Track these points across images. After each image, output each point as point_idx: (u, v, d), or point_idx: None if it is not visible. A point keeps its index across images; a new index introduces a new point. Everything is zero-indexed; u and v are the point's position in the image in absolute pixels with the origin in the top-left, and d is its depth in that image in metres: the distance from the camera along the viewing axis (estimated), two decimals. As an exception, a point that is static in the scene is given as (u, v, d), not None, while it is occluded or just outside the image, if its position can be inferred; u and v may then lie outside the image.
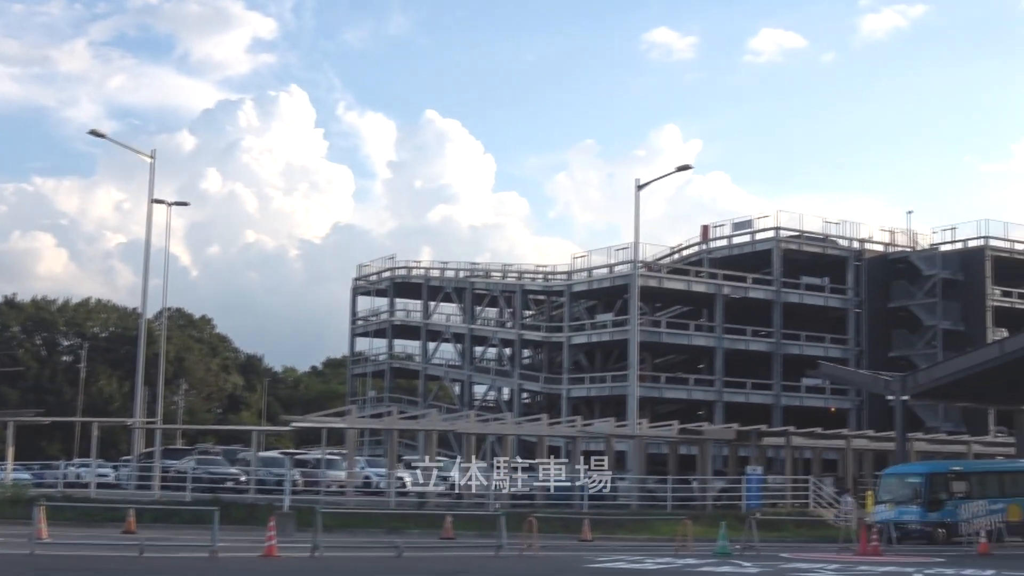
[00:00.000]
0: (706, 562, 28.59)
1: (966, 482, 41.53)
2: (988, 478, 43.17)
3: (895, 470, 44.21)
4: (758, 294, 71.80)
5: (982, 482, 42.34)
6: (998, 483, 42.80)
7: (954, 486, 41.01)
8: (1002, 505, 41.21)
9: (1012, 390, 48.58)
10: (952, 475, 41.77)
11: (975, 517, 40.00)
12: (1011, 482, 43.18)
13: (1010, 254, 74.06)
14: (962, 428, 66.72)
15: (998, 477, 43.59)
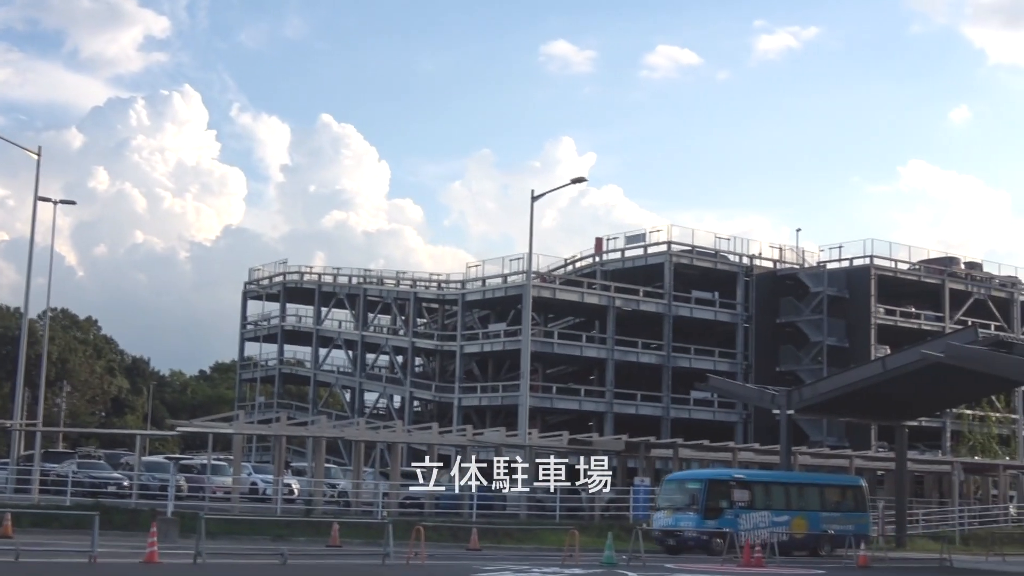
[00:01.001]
0: (592, 572, 28.70)
1: (749, 491, 40.36)
2: (774, 489, 42.42)
3: (676, 476, 43.60)
4: (649, 307, 72.49)
5: (767, 492, 41.58)
6: (784, 494, 42.02)
7: (736, 495, 39.76)
8: (787, 517, 40.68)
9: (893, 406, 49.65)
10: (734, 483, 40.47)
11: (757, 528, 38.91)
12: (798, 494, 42.62)
13: (894, 273, 75.83)
14: (845, 443, 68.06)
15: (784, 488, 42.75)
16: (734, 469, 47.57)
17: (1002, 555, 44.41)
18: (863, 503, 44.33)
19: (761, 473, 47.74)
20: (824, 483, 45.85)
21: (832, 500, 43.61)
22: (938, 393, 50.14)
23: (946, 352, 40.95)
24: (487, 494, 46.72)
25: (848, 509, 43.36)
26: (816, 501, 42.81)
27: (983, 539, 50.60)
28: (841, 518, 42.24)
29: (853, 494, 44.40)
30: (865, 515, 44.14)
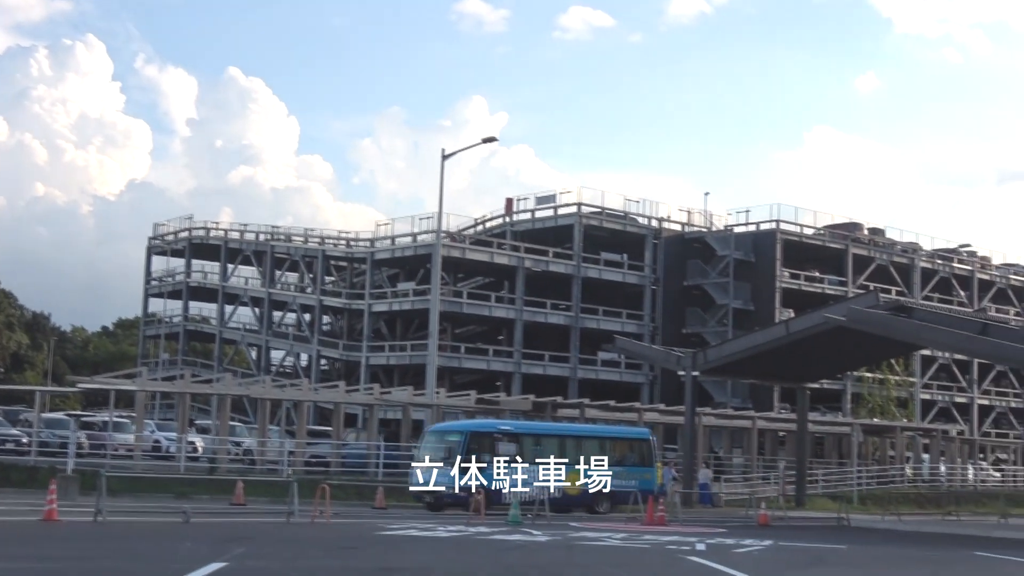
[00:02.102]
0: (497, 530, 28.79)
1: (517, 444, 38.57)
2: (546, 441, 40.50)
3: (437, 427, 41.35)
4: (559, 268, 72.71)
5: (538, 445, 39.59)
6: (559, 447, 39.91)
7: (501, 448, 37.92)
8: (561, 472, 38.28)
9: (796, 369, 50.48)
10: (499, 435, 38.52)
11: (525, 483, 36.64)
12: (575, 447, 40.59)
13: (799, 238, 76.87)
14: (748, 404, 69.12)
15: (559, 441, 40.91)
16: (501, 420, 43.70)
17: (898, 515, 45.49)
18: (650, 458, 42.22)
19: (532, 424, 44.66)
20: (605, 436, 43.68)
21: (614, 454, 41.20)
22: (839, 356, 51.09)
23: (848, 316, 41.65)
24: (393, 453, 46.74)
25: (633, 464, 41.33)
26: (596, 455, 40.12)
27: (880, 499, 51.85)
28: (624, 473, 39.97)
29: (639, 448, 42.42)
30: (651, 470, 41.78)
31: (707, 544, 26.06)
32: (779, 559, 23.53)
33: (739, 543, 26.70)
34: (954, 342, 41.44)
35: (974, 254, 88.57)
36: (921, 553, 27.52)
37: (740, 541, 27.30)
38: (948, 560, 25.71)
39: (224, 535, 24.20)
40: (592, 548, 24.60)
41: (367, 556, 21.47)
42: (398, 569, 19.06)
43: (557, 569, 20.20)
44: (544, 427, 44.32)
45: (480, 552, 22.97)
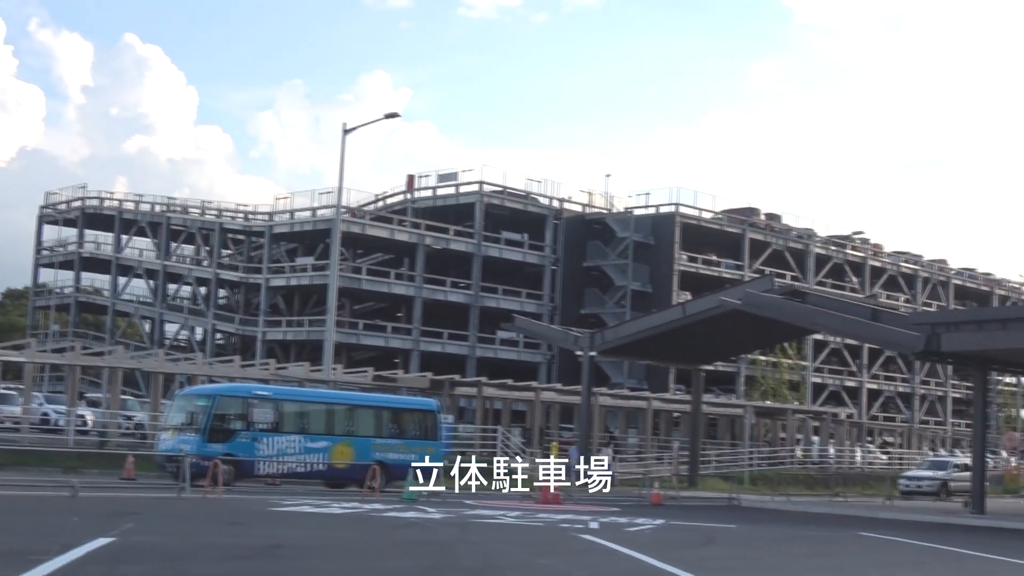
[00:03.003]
0: (392, 507, 28.70)
1: (275, 411, 35.71)
2: (311, 409, 37.37)
3: (186, 391, 38.39)
4: (459, 246, 72.61)
5: (301, 413, 36.73)
6: (325, 417, 37.25)
7: (256, 414, 35.07)
8: (326, 444, 36.16)
9: (691, 350, 51.05)
10: (255, 400, 35.42)
11: (283, 455, 34.59)
12: (346, 417, 37.85)
13: (698, 221, 77.70)
14: (644, 385, 69.79)
15: (326, 409, 37.77)
16: (259, 385, 39.78)
17: (787, 495, 46.30)
18: (435, 431, 39.33)
19: (296, 391, 41.19)
20: (383, 405, 40.03)
21: (392, 426, 38.54)
22: (734, 339, 51.77)
23: (743, 299, 42.18)
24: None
25: (414, 436, 38.54)
26: (369, 426, 37.81)
27: (771, 479, 52.70)
28: (402, 446, 37.54)
29: (422, 420, 39.44)
30: (436, 444, 38.79)
31: (600, 523, 26.25)
32: (670, 538, 23.78)
33: (632, 522, 26.94)
34: (845, 327, 42.20)
35: (867, 241, 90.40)
36: (808, 532, 28.02)
37: (633, 520, 27.55)
38: (834, 539, 26.20)
39: (113, 510, 23.77)
40: (486, 526, 24.62)
41: (258, 532, 21.23)
42: (289, 546, 18.87)
43: (450, 546, 20.17)
44: (310, 394, 40.93)
45: (373, 529, 22.88)
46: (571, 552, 20.15)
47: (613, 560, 19.00)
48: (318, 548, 18.91)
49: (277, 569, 16.16)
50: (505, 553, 19.68)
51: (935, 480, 48.53)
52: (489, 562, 18.02)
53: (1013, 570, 20.70)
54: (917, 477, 49.25)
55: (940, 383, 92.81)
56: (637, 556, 19.18)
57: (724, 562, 19.82)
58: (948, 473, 49.86)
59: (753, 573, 18.38)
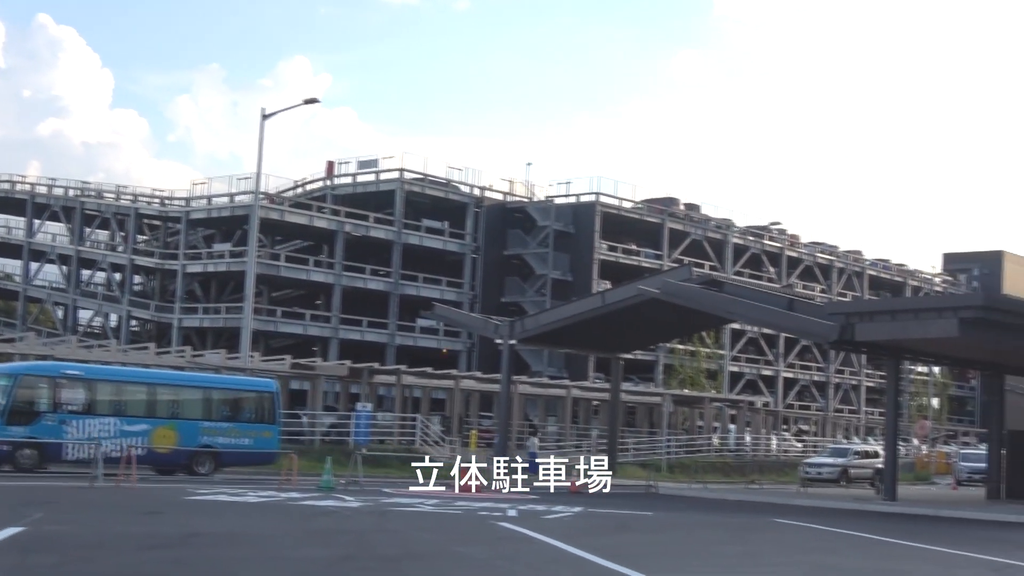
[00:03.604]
0: (309, 496, 28.52)
1: (88, 391, 33.75)
2: (129, 389, 35.18)
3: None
4: (379, 234, 72.23)
5: (119, 394, 34.73)
6: (146, 398, 35.11)
7: (65, 395, 33.18)
8: (146, 427, 34.12)
9: (611, 339, 51.28)
10: (64, 380, 33.39)
11: (98, 438, 31.92)
12: (169, 399, 35.76)
13: (618, 211, 78.08)
14: (564, 373, 70.06)
15: (147, 390, 35.42)
16: (70, 363, 36.79)
17: (704, 483, 46.75)
18: (272, 414, 37.08)
19: (112, 370, 38.49)
20: (212, 386, 37.55)
21: (223, 408, 36.54)
22: (653, 328, 52.11)
23: (661, 288, 42.44)
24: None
25: (248, 420, 36.64)
26: (197, 408, 35.72)
27: (688, 467, 53.21)
28: (234, 430, 35.70)
29: (258, 403, 37.38)
30: (273, 427, 36.91)
31: (519, 510, 26.30)
32: (587, 525, 23.89)
33: (550, 509, 27.04)
34: (762, 316, 42.64)
35: (784, 232, 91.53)
36: (724, 519, 28.32)
37: (551, 508, 27.64)
38: (749, 526, 26.50)
39: (23, 499, 23.36)
40: (404, 514, 24.57)
41: (172, 521, 20.97)
42: (204, 534, 18.66)
43: (368, 535, 20.09)
44: (128, 373, 38.04)
45: (290, 518, 22.70)
46: (489, 540, 20.16)
47: (530, 547, 19.04)
48: (233, 537, 18.73)
49: (191, 558, 15.96)
50: (423, 541, 19.64)
51: (835, 467, 49.17)
52: (408, 550, 17.97)
53: (921, 554, 21.08)
54: (817, 464, 49.87)
55: (854, 372, 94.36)
56: (553, 543, 19.24)
57: (639, 548, 19.95)
58: (848, 460, 50.60)
59: (667, 559, 18.51)
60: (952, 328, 33.48)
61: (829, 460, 50.64)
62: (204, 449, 34.76)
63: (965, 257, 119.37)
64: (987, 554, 21.16)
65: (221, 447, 34.97)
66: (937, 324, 34.24)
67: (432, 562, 16.76)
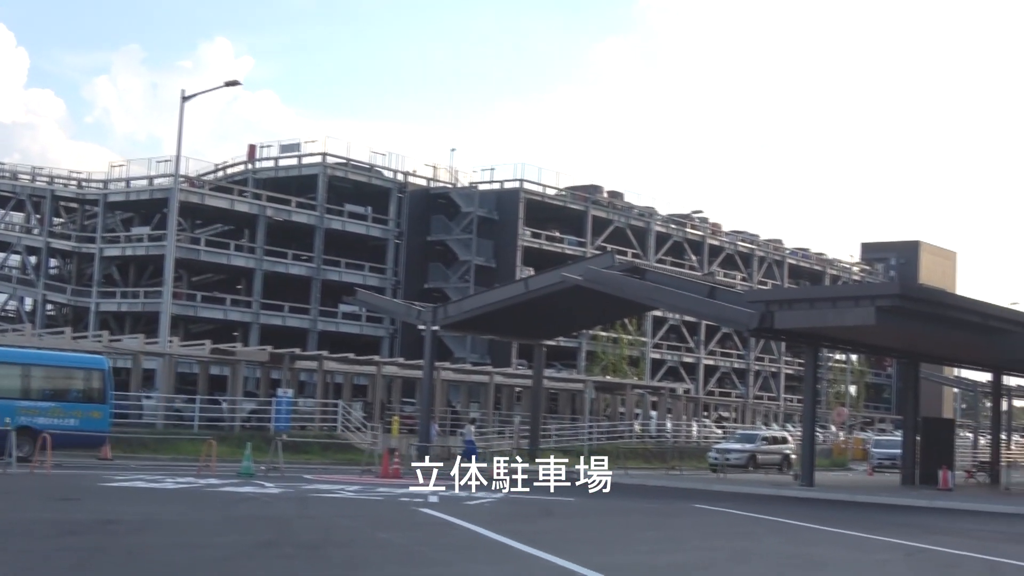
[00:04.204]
0: (228, 482, 28.27)
1: None
2: None
3: None
4: (301, 218, 71.64)
5: None
6: None
7: None
8: None
9: (534, 326, 51.40)
10: None
11: None
12: None
13: (542, 198, 78.18)
14: (487, 360, 70.07)
15: None
16: None
17: (625, 468, 47.01)
18: (102, 393, 34.43)
19: None
20: (28, 362, 34.60)
21: (46, 386, 33.99)
22: (576, 315, 52.31)
23: (584, 275, 42.61)
24: (122, 402, 45.18)
25: (75, 399, 34.14)
26: (13, 386, 33.03)
27: (609, 453, 53.41)
28: (57, 410, 33.16)
29: (85, 380, 34.66)
30: (103, 407, 34.37)
31: (441, 497, 26.29)
32: (509, 511, 23.91)
33: (472, 496, 27.03)
34: (683, 304, 42.97)
35: (706, 220, 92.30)
36: (644, 505, 28.54)
37: (473, 494, 27.64)
38: (669, 511, 26.74)
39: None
40: (325, 500, 24.45)
41: (88, 508, 20.67)
42: (120, 521, 18.41)
43: (288, 521, 19.95)
44: None
45: (209, 504, 22.47)
46: (410, 525, 20.14)
47: (451, 533, 19.03)
48: (151, 523, 18.50)
49: (108, 544, 15.73)
50: (345, 527, 19.56)
51: (743, 453, 49.72)
52: (329, 536, 17.88)
53: (836, 539, 21.40)
54: (726, 450, 50.35)
55: (774, 360, 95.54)
56: (475, 529, 19.26)
57: (560, 534, 20.03)
58: (756, 446, 51.21)
59: (588, 544, 18.59)
60: (869, 316, 33.98)
61: (737, 446, 51.18)
62: (22, 430, 31.52)
63: (883, 247, 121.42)
64: (899, 538, 21.55)
65: (43, 427, 31.48)
66: (854, 312, 34.74)
67: (353, 548, 16.68)
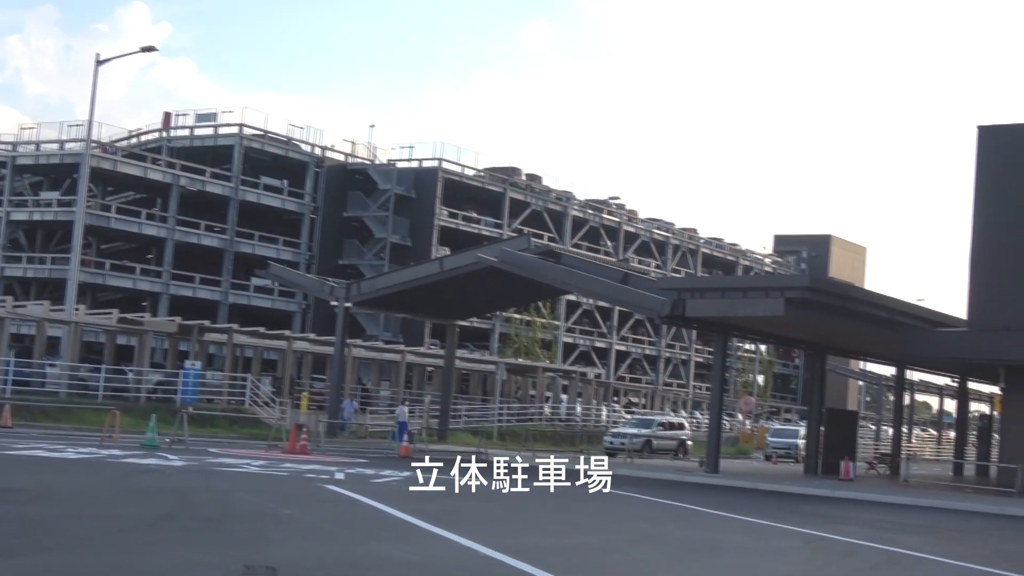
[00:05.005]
0: (131, 453, 27.86)
1: None
2: None
3: None
4: (216, 189, 70.65)
5: None
6: None
7: None
8: None
9: (447, 306, 51.35)
10: None
11: None
12: None
13: (460, 178, 78.00)
14: (400, 338, 69.85)
15: None
16: None
17: (533, 451, 47.17)
18: None
19: None
20: None
21: None
22: (490, 296, 52.38)
23: (499, 257, 42.62)
24: (25, 369, 44.41)
25: None
26: None
27: (519, 435, 53.65)
28: None
29: None
30: None
31: (347, 474, 26.18)
32: (415, 490, 23.85)
33: (378, 473, 26.96)
34: (596, 289, 43.18)
35: (622, 207, 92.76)
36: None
37: (380, 472, 27.58)
38: (573, 495, 26.83)
39: None
40: (229, 474, 24.19)
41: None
42: (17, 490, 18.05)
43: (190, 494, 19.69)
44: None
45: (110, 475, 22.13)
46: (314, 502, 20.00)
47: (354, 510, 18.94)
48: (49, 493, 18.16)
49: (2, 513, 15.40)
50: (247, 502, 19.37)
51: (639, 437, 50.21)
52: (231, 511, 17.69)
53: (737, 525, 21.66)
54: (622, 434, 50.82)
55: (685, 347, 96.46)
56: (379, 506, 19.18)
57: (464, 514, 20.02)
58: (652, 431, 51.73)
59: (492, 525, 18.62)
60: (778, 307, 34.41)
61: (632, 431, 51.62)
62: None
63: (796, 240, 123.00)
64: (799, 526, 21.86)
65: None
66: (764, 303, 35.16)
67: (254, 523, 16.51)
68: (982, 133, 40.89)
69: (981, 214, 40.01)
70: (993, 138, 40.55)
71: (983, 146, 40.52)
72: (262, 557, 13.16)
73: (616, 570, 15.07)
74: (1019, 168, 39.89)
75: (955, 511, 30.31)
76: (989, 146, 40.41)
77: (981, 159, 40.43)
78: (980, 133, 40.91)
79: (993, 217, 39.71)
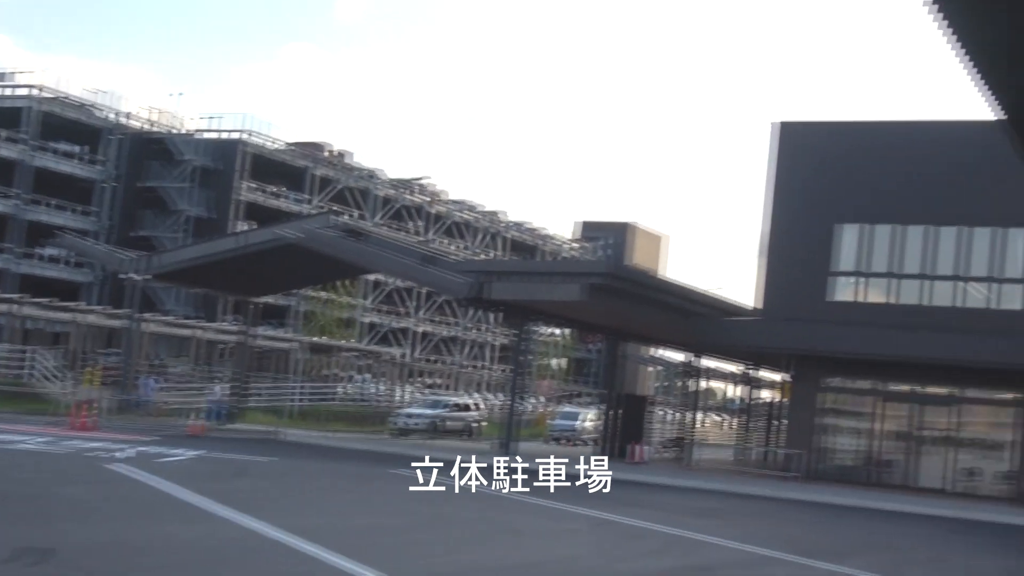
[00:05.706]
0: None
1: None
2: None
3: None
4: (6, 152, 67.61)
5: None
6: None
7: None
8: None
9: (247, 282, 50.38)
10: None
11: None
12: None
13: (264, 152, 76.59)
14: (199, 313, 68.28)
15: None
16: None
17: (330, 431, 46.82)
18: None
19: None
20: None
21: None
22: (291, 273, 51.61)
23: (301, 234, 42.03)
24: None
25: None
26: None
27: (316, 415, 53.15)
28: None
29: None
30: None
31: (136, 452, 25.45)
32: (205, 470, 23.37)
33: (167, 452, 26.30)
34: (399, 269, 43.04)
35: (432, 187, 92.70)
36: (343, 468, 28.44)
37: (169, 450, 26.91)
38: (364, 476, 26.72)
39: None
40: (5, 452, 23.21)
41: None
42: None
43: (-40, 472, 18.81)
44: None
45: None
46: (96, 481, 19.36)
47: (140, 490, 18.40)
48: None
49: None
50: (23, 481, 18.63)
51: (427, 418, 50.38)
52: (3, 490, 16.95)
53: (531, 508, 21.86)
54: (410, 415, 50.94)
55: (489, 329, 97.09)
56: (164, 486, 18.68)
57: (253, 493, 19.68)
58: (440, 412, 51.99)
59: (281, 504, 18.37)
60: (577, 293, 34.89)
61: (419, 411, 51.72)
62: None
63: (598, 227, 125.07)
64: (590, 509, 22.19)
65: None
66: (564, 288, 35.61)
67: (29, 504, 15.86)
68: (778, 129, 42.18)
69: (773, 206, 41.30)
70: (789, 133, 41.88)
71: (779, 140, 41.77)
72: (38, 538, 12.64)
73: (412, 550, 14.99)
74: (811, 162, 41.31)
75: (741, 495, 31.32)
76: (785, 141, 41.71)
77: (775, 153, 41.67)
78: (776, 129, 42.19)
79: (785, 210, 41.05)
